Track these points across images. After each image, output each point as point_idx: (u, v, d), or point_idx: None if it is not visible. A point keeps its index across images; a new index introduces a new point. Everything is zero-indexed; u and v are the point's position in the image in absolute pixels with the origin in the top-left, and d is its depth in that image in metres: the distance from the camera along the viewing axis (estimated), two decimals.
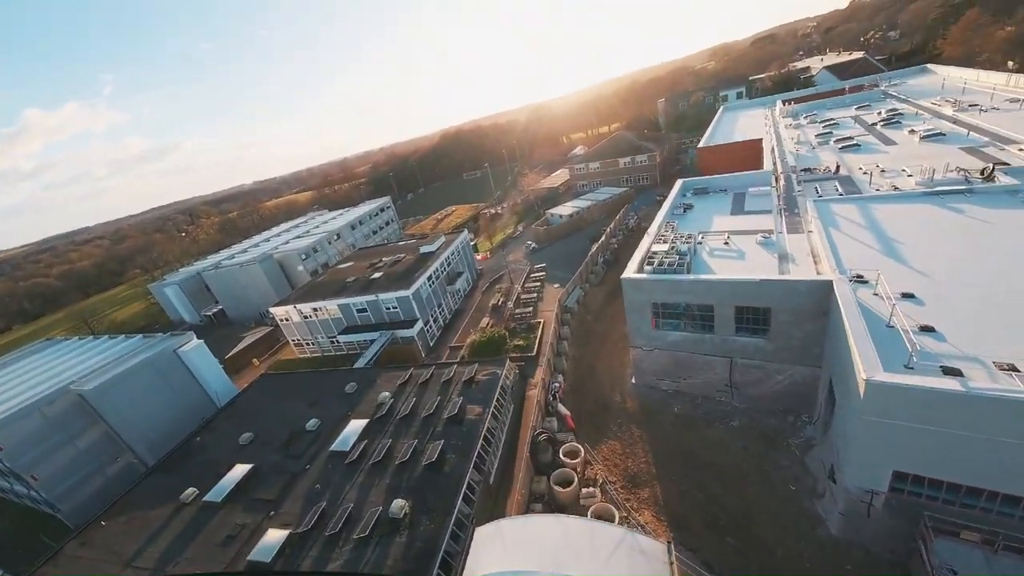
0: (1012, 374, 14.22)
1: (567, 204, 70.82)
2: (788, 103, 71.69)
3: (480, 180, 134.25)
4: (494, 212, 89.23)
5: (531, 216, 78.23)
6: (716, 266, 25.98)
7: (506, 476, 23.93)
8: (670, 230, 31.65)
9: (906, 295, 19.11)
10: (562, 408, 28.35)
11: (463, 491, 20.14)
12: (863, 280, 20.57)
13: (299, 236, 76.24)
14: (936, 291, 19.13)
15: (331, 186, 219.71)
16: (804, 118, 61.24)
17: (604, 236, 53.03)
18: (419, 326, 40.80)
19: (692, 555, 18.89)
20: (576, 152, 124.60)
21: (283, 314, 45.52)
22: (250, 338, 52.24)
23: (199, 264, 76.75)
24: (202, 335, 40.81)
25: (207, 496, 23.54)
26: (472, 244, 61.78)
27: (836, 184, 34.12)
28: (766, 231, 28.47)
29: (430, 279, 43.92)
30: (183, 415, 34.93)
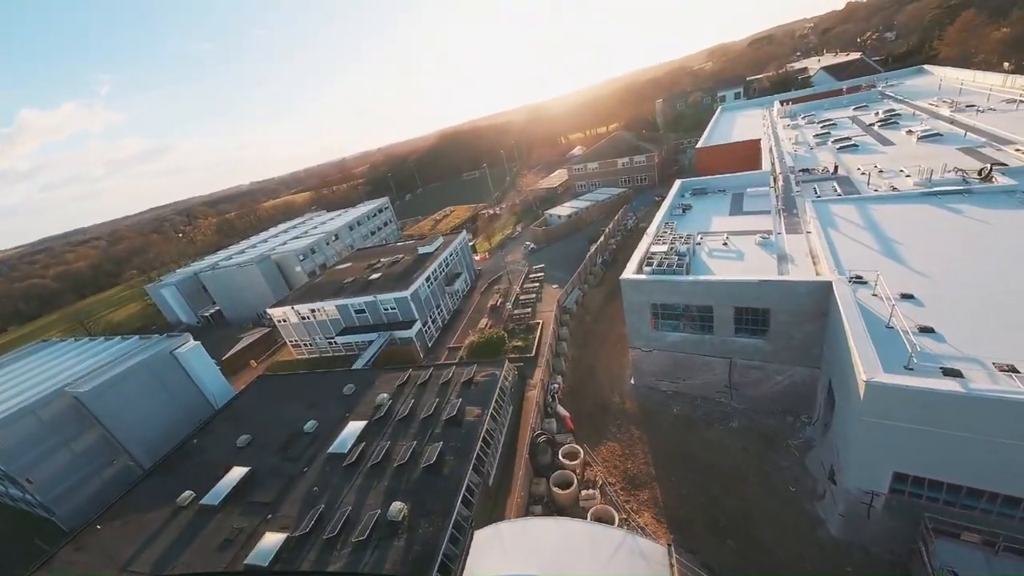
0: (1012, 375, 14.21)
1: (566, 205, 70.76)
2: (786, 103, 71.78)
3: (478, 181, 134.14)
4: (492, 213, 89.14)
5: (530, 217, 78.16)
6: (715, 267, 25.93)
7: (505, 478, 23.83)
8: (669, 231, 31.61)
9: (905, 296, 19.09)
10: (561, 409, 28.25)
11: (462, 493, 20.05)
12: (862, 281, 20.55)
13: (297, 237, 76.00)
14: (935, 291, 19.13)
15: (329, 187, 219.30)
16: (802, 118, 61.27)
17: (603, 237, 52.99)
18: (417, 327, 40.70)
19: (692, 557, 18.82)
20: (574, 152, 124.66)
21: (281, 315, 45.37)
22: (248, 339, 52.01)
23: (196, 265, 76.41)
24: (199, 336, 40.59)
25: (204, 499, 23.39)
26: (470, 245, 61.68)
27: (834, 184, 34.13)
28: (765, 232, 28.44)
29: (428, 280, 43.81)
30: (180, 417, 34.73)
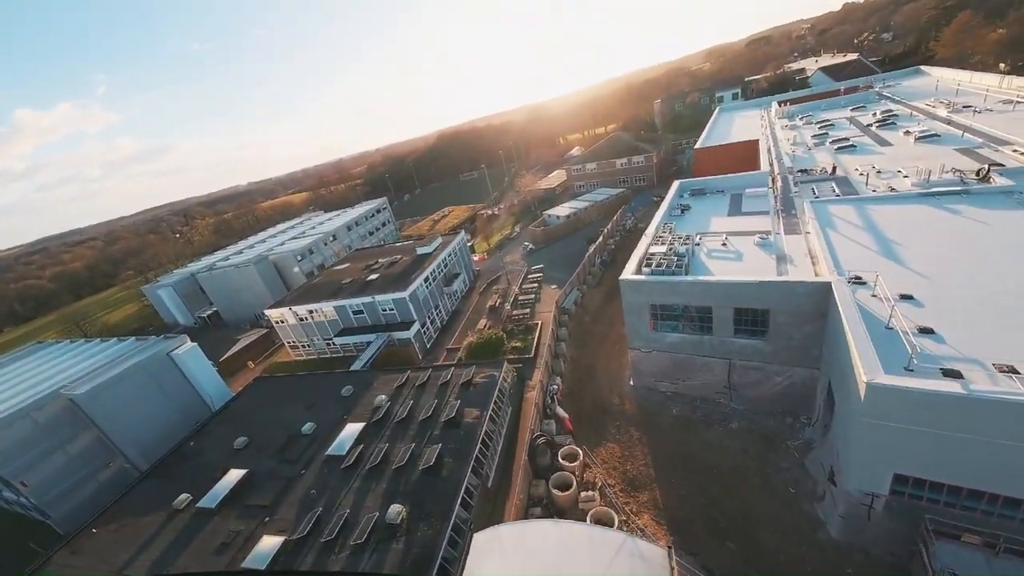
0: (1012, 376, 14.19)
1: (564, 205, 70.68)
2: (784, 104, 71.94)
3: (477, 181, 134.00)
4: (491, 213, 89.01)
5: (528, 217, 78.08)
6: (714, 267, 25.90)
7: (504, 480, 23.73)
8: (668, 231, 31.56)
9: (904, 296, 19.07)
10: (560, 410, 28.15)
11: (461, 496, 19.93)
12: (861, 281, 20.54)
13: (295, 237, 75.74)
14: (934, 292, 19.11)
15: (327, 187, 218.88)
16: (800, 119, 61.40)
17: (601, 237, 52.94)
18: (416, 328, 40.57)
19: (692, 559, 18.71)
20: (573, 153, 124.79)
21: (278, 316, 45.15)
22: (245, 340, 51.75)
23: (193, 265, 76.09)
24: (196, 338, 40.40)
25: (200, 502, 23.20)
26: (469, 245, 61.63)
27: (833, 185, 34.14)
28: (763, 232, 28.43)
29: (427, 280, 43.68)
30: (177, 419, 34.53)
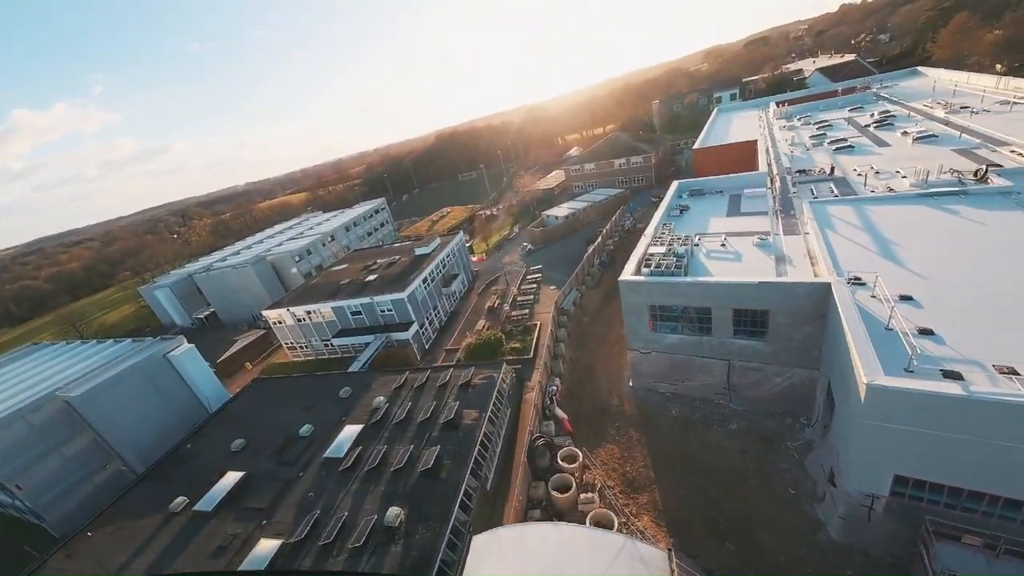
0: (1012, 377, 14.16)
1: (563, 205, 70.63)
2: (782, 105, 72.06)
3: (475, 181, 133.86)
4: (490, 213, 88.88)
5: (527, 217, 78.00)
6: (713, 268, 25.86)
7: (503, 482, 23.62)
8: (667, 232, 31.51)
9: (904, 297, 19.05)
10: (560, 412, 28.06)
11: (460, 498, 19.83)
12: (861, 282, 20.52)
13: (293, 238, 75.53)
14: (933, 293, 19.09)
15: (325, 187, 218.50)
16: (798, 120, 61.52)
17: (600, 238, 52.90)
18: (414, 329, 40.45)
19: (692, 561, 18.65)
20: (571, 153, 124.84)
21: (276, 317, 44.96)
22: (242, 341, 51.52)
23: (191, 266, 75.76)
24: (193, 339, 40.21)
25: (197, 505, 23.04)
26: (468, 246, 61.52)
27: (831, 185, 34.15)
28: (762, 233, 28.41)
29: (425, 281, 43.56)
30: (173, 421, 34.32)
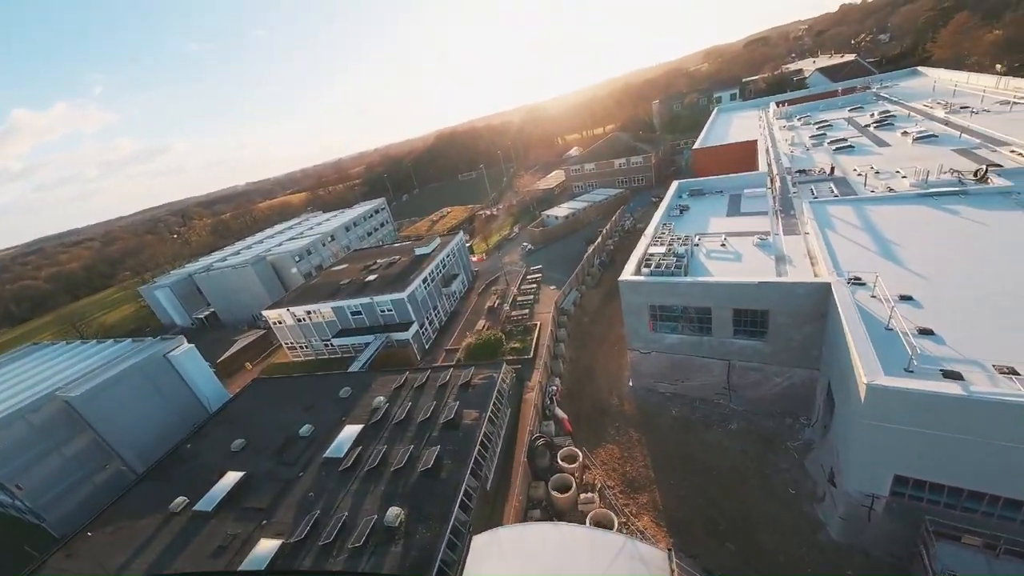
0: (1012, 377, 14.15)
1: (563, 205, 70.63)
2: (782, 105, 72.04)
3: (475, 181, 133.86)
4: (490, 213, 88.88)
5: (527, 217, 78.01)
6: (713, 268, 25.85)
7: (503, 482, 23.62)
8: (667, 232, 31.52)
9: (904, 297, 19.04)
10: (559, 412, 28.06)
11: (460, 498, 19.83)
12: (861, 282, 20.51)
13: (293, 238, 75.53)
14: (933, 293, 19.09)
15: (325, 187, 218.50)
16: (798, 120, 61.51)
17: (600, 238, 52.89)
18: (414, 329, 40.45)
19: (692, 561, 18.65)
20: (571, 153, 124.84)
21: (276, 317, 44.96)
22: (242, 341, 51.52)
23: (191, 266, 75.77)
24: (193, 338, 40.21)
25: (197, 505, 23.04)
26: (468, 246, 61.51)
27: (831, 185, 34.14)
28: (762, 233, 28.41)
29: (425, 281, 43.56)
30: (173, 421, 34.32)
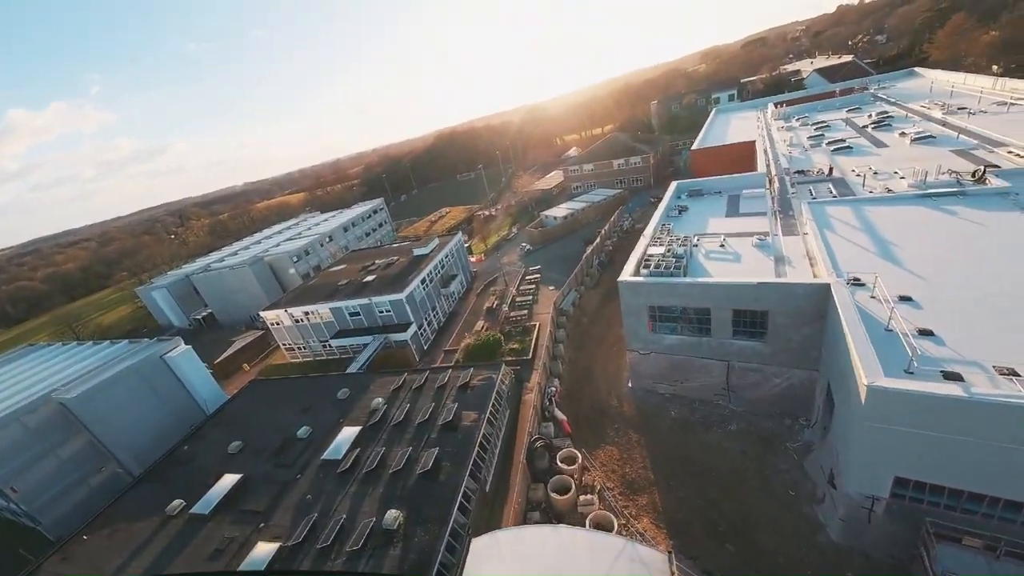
0: (1012, 378, 14.13)
1: (562, 206, 70.53)
2: (780, 105, 72.17)
3: (474, 181, 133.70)
4: (488, 214, 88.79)
5: (525, 218, 77.93)
6: (712, 269, 25.83)
7: (502, 484, 23.52)
8: (666, 232, 31.49)
9: (903, 298, 19.02)
10: (559, 413, 27.99)
11: (459, 500, 19.73)
12: (860, 283, 20.50)
13: (291, 238, 75.31)
14: (932, 293, 19.07)
15: (323, 187, 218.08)
16: (796, 120, 61.60)
17: (599, 238, 52.83)
18: (413, 330, 40.31)
19: (692, 563, 18.59)
20: (570, 154, 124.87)
21: (274, 318, 44.75)
22: (240, 342, 51.30)
23: (188, 267, 75.50)
24: (190, 339, 40.00)
25: (194, 508, 22.85)
26: (466, 246, 61.39)
27: (829, 186, 34.17)
28: (761, 233, 28.42)
29: (424, 282, 43.44)
30: (170, 423, 34.12)
